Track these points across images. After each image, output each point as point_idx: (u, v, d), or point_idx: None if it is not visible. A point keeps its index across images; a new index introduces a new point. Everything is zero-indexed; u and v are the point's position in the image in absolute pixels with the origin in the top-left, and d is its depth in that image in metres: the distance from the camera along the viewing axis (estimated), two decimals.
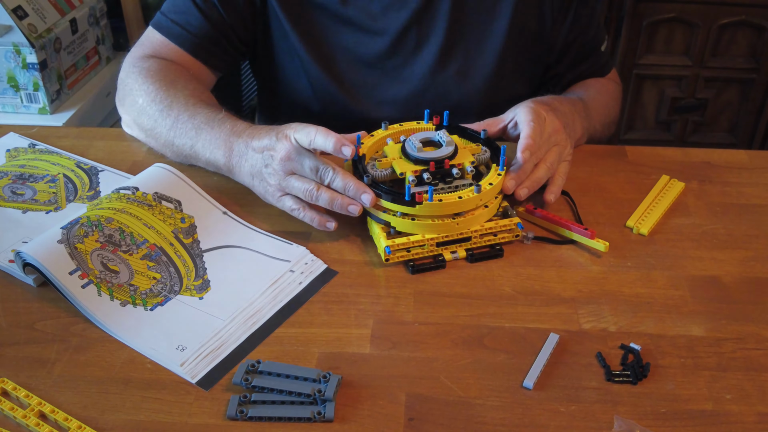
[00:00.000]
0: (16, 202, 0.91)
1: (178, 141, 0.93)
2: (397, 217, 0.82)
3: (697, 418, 0.66)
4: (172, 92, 0.96)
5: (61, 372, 0.70)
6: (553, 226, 0.88)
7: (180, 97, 0.95)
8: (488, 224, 0.84)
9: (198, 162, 0.94)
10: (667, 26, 2.04)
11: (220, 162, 0.90)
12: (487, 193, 0.83)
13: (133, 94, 0.98)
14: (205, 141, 0.91)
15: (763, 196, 0.95)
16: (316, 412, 0.66)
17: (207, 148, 0.90)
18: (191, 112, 0.93)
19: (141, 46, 1.05)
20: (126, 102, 1.00)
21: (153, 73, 0.98)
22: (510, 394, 0.68)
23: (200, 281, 0.81)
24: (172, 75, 0.99)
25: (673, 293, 0.80)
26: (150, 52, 1.04)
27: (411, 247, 0.82)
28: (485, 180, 0.84)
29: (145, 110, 0.96)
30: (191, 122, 0.92)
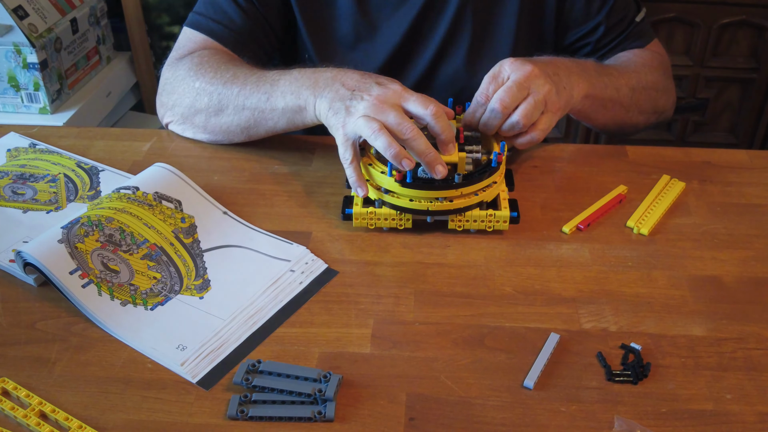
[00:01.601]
0: (16, 202, 0.91)
1: (250, 101, 0.92)
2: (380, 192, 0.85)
3: (698, 418, 0.66)
4: (232, 67, 0.95)
5: (62, 372, 0.70)
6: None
7: (243, 68, 0.95)
8: (476, 213, 0.85)
9: (270, 119, 0.92)
10: (667, 26, 2.04)
11: (302, 97, 0.88)
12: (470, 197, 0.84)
13: (185, 82, 0.97)
14: (284, 87, 0.89)
15: (763, 196, 0.95)
16: (317, 411, 0.66)
17: (287, 90, 0.89)
18: (260, 74, 0.93)
19: (180, 48, 1.05)
20: (175, 94, 0.99)
21: (205, 60, 0.98)
22: (510, 394, 0.68)
23: (200, 281, 0.81)
24: (226, 57, 0.99)
25: (674, 293, 0.80)
26: (193, 49, 1.03)
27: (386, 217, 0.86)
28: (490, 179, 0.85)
29: (204, 89, 0.95)
30: (264, 79, 0.92)
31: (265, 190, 0.95)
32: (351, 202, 0.88)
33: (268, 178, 0.97)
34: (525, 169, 0.98)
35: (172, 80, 1.00)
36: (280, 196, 0.94)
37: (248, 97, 0.92)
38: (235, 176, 0.97)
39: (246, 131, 0.97)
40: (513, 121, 0.86)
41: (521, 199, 0.92)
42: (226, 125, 0.97)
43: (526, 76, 0.86)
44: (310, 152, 1.02)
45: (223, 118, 0.96)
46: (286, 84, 0.90)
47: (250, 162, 1.00)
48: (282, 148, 1.03)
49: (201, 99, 0.96)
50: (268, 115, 0.92)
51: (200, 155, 1.01)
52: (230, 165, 0.99)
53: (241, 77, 0.94)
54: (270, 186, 0.95)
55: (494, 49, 1.08)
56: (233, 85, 0.93)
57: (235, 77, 0.94)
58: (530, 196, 0.93)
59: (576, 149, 1.04)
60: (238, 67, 0.96)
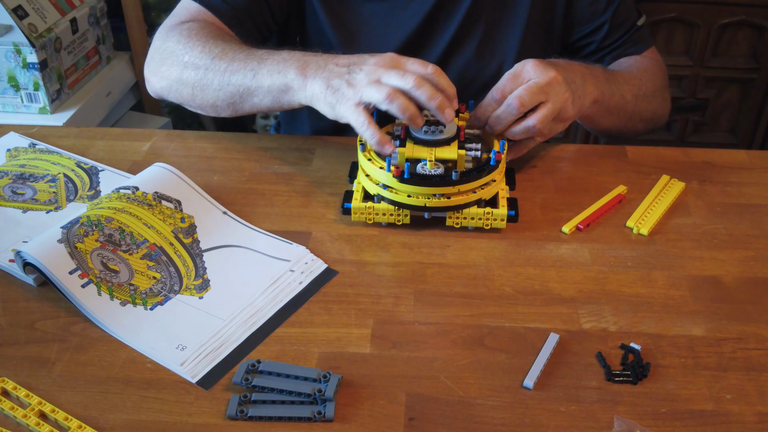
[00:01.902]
0: (16, 202, 0.91)
1: (235, 77, 0.91)
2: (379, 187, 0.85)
3: (698, 418, 0.66)
4: (221, 43, 0.95)
5: (62, 371, 0.70)
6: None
7: (233, 43, 0.95)
8: (474, 210, 0.86)
9: (256, 95, 0.91)
10: (667, 26, 2.04)
11: (290, 76, 0.87)
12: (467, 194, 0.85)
13: (175, 54, 0.97)
14: (271, 65, 0.89)
15: (763, 196, 0.95)
16: (317, 411, 0.66)
17: (274, 69, 0.88)
18: (248, 51, 0.92)
19: (175, 16, 1.04)
20: (165, 64, 0.98)
21: (197, 31, 0.97)
22: (510, 394, 0.68)
23: (200, 281, 0.81)
24: (217, 31, 0.99)
25: (674, 293, 0.80)
26: (187, 19, 1.03)
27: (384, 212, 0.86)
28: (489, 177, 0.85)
29: (193, 63, 0.94)
30: (252, 56, 0.91)
31: (265, 190, 0.95)
32: (351, 196, 0.88)
33: (268, 178, 0.97)
34: (525, 169, 0.98)
35: (161, 50, 1.00)
36: (280, 196, 0.94)
37: (234, 73, 0.91)
38: (235, 176, 0.97)
39: (231, 106, 0.95)
40: (528, 125, 0.86)
41: (521, 199, 0.92)
42: (212, 99, 0.96)
43: (548, 81, 0.86)
44: (310, 152, 1.02)
45: (209, 92, 0.95)
46: (273, 63, 0.89)
47: (250, 162, 1.00)
48: (282, 148, 1.03)
49: (188, 73, 0.95)
50: (253, 91, 0.91)
51: (200, 155, 1.01)
52: (230, 165, 0.99)
53: (229, 53, 0.93)
54: (270, 186, 0.95)
55: (503, 44, 1.08)
56: (221, 61, 0.92)
57: (224, 53, 0.93)
58: (530, 196, 0.93)
59: (576, 149, 1.04)
60: (227, 42, 0.95)
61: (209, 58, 0.94)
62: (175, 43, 0.97)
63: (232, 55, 0.92)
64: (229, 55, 0.93)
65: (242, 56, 0.92)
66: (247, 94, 0.92)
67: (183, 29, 0.99)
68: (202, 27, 0.99)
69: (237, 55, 0.92)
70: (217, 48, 0.94)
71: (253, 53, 0.92)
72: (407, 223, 0.87)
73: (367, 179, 0.87)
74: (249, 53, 0.92)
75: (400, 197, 0.85)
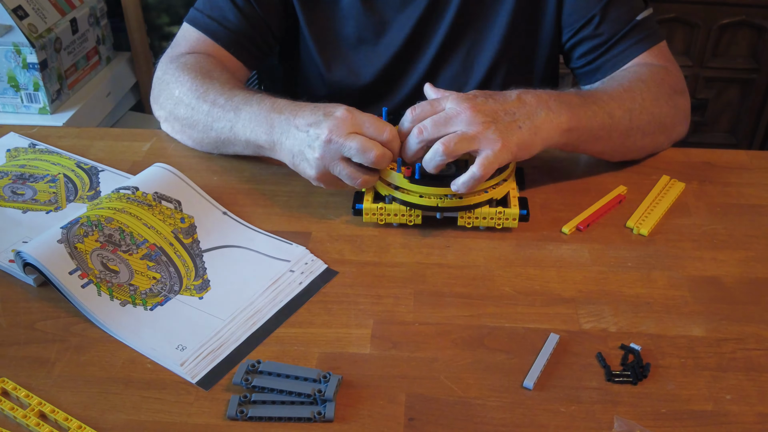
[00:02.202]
0: (16, 202, 0.91)
1: (217, 124, 0.93)
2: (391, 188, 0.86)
3: (698, 419, 0.66)
4: (207, 81, 0.96)
5: (62, 372, 0.70)
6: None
7: (216, 84, 0.96)
8: (485, 210, 0.86)
9: (236, 145, 0.93)
10: (667, 26, 2.04)
11: (261, 139, 0.89)
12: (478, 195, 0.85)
13: (169, 88, 0.99)
14: (245, 120, 0.90)
15: (763, 197, 0.95)
16: (317, 412, 0.66)
17: (247, 126, 0.90)
18: (228, 95, 0.93)
19: (176, 45, 1.06)
20: (162, 96, 1.01)
21: (189, 66, 0.99)
22: (510, 395, 0.68)
23: (200, 281, 0.81)
24: (208, 66, 1.00)
25: (674, 293, 0.80)
26: (186, 50, 1.05)
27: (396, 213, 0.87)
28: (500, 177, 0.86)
29: (182, 100, 0.97)
30: (229, 104, 0.92)
31: (265, 190, 0.95)
32: (362, 197, 0.88)
33: (268, 178, 0.97)
34: (525, 169, 0.98)
35: (160, 82, 1.02)
36: (279, 196, 0.94)
37: (216, 120, 0.94)
38: (235, 176, 0.97)
39: (216, 148, 0.98)
40: (435, 148, 0.82)
41: None
42: (199, 138, 0.98)
43: (456, 112, 0.82)
44: None
45: (195, 132, 0.98)
46: (246, 117, 0.90)
47: (250, 162, 1.00)
48: None
49: (179, 109, 0.98)
50: (233, 141, 0.94)
51: (200, 155, 1.01)
52: (230, 165, 0.99)
53: (211, 96, 0.94)
54: (270, 186, 0.95)
55: (486, 52, 1.08)
56: (204, 103, 0.95)
57: (206, 94, 0.95)
58: (530, 197, 0.93)
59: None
60: (213, 80, 0.97)
61: (194, 97, 0.96)
62: (170, 77, 1.00)
63: (213, 98, 0.94)
64: (211, 97, 0.94)
65: (222, 101, 0.93)
66: (228, 143, 0.95)
67: (179, 64, 1.01)
68: (196, 61, 1.01)
69: (217, 100, 0.94)
70: (202, 87, 0.96)
71: (231, 100, 0.93)
72: (419, 223, 0.87)
73: (378, 180, 0.87)
74: (228, 99, 0.93)
75: (411, 198, 0.85)
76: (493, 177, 0.85)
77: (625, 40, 1.03)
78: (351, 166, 0.83)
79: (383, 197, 0.88)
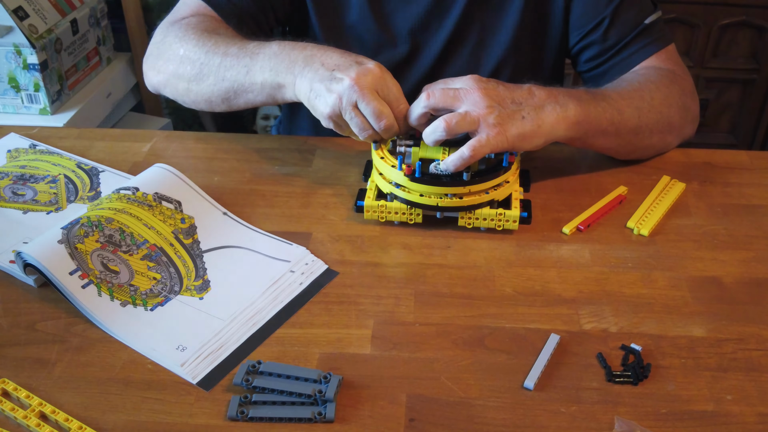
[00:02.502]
0: (16, 203, 0.91)
1: (230, 73, 0.92)
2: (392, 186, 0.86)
3: (698, 419, 0.66)
4: (215, 36, 0.95)
5: (62, 372, 0.70)
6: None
7: (226, 37, 0.95)
8: (486, 211, 0.86)
9: (250, 92, 0.92)
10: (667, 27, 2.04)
11: (280, 76, 0.88)
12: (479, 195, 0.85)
13: (172, 48, 0.97)
14: (263, 61, 0.89)
15: (763, 197, 0.95)
16: (317, 412, 0.66)
17: (266, 66, 0.89)
18: (241, 44, 0.93)
19: (175, 12, 1.05)
20: (162, 59, 0.99)
21: (193, 26, 0.98)
22: (511, 395, 0.68)
23: (200, 281, 0.81)
24: (213, 25, 0.99)
25: (674, 294, 0.80)
26: (186, 14, 1.03)
27: (396, 211, 0.87)
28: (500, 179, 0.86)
29: (188, 57, 0.95)
30: (243, 51, 0.92)
31: (265, 191, 0.95)
32: (364, 194, 0.89)
33: (268, 178, 0.97)
34: None
35: (160, 44, 1.00)
36: (280, 197, 0.94)
37: (228, 69, 0.92)
38: (235, 177, 0.97)
39: (226, 101, 0.96)
40: (436, 124, 0.83)
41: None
42: (207, 94, 0.96)
43: (466, 90, 0.84)
44: (310, 153, 1.02)
45: (203, 87, 0.95)
46: (265, 59, 0.89)
47: (250, 163, 1.00)
48: (282, 148, 1.03)
49: (184, 67, 0.96)
50: (248, 87, 0.92)
51: (200, 156, 1.01)
52: (230, 166, 0.99)
53: (222, 47, 0.93)
54: (270, 186, 0.96)
55: (495, 48, 1.08)
56: (214, 55, 0.93)
57: (216, 46, 0.93)
58: (531, 197, 0.93)
59: (576, 150, 1.04)
60: (220, 35, 0.96)
61: (203, 51, 0.94)
62: (173, 38, 0.98)
63: (225, 49, 0.93)
64: (222, 48, 0.93)
65: (234, 50, 0.92)
66: (241, 91, 0.93)
67: (182, 24, 0.99)
68: (199, 21, 0.99)
69: (229, 49, 0.92)
70: (210, 41, 0.94)
71: (245, 47, 0.92)
72: (419, 222, 0.88)
73: (380, 177, 0.88)
74: (241, 47, 0.92)
75: (412, 196, 0.85)
76: (495, 177, 0.85)
77: (633, 44, 1.03)
78: (362, 117, 0.84)
79: (385, 195, 0.88)
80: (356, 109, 0.83)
